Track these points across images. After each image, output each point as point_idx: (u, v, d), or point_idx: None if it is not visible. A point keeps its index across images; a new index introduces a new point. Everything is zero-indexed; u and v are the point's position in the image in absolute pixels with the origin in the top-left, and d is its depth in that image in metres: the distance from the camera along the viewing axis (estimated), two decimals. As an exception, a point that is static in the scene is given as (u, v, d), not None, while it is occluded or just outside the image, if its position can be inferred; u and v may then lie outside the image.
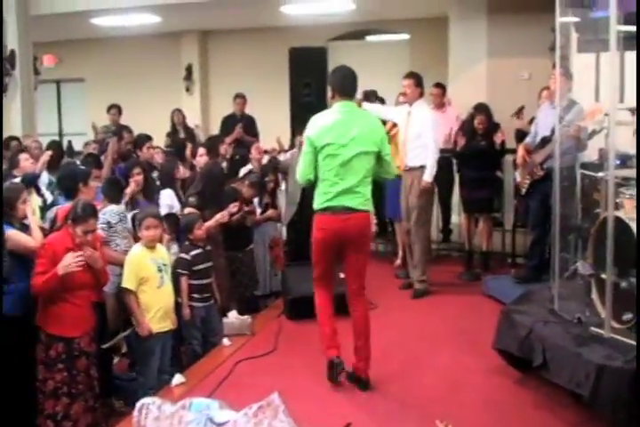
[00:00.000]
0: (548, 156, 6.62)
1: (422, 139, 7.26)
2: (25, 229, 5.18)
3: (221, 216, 6.48)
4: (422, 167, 7.27)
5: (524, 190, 7.04)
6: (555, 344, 4.58)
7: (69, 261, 4.60)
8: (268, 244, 7.70)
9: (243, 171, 8.32)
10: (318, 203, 5.17)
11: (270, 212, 7.74)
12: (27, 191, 5.40)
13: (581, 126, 5.99)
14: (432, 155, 7.25)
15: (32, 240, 4.92)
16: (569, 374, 4.35)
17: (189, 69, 14.20)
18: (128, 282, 5.32)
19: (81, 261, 4.65)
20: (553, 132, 6.63)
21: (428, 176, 7.24)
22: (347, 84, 5.20)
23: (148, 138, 8.23)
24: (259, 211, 7.64)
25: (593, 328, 4.58)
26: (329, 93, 5.32)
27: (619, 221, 4.49)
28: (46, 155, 7.29)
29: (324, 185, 5.13)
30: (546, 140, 6.71)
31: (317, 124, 5.11)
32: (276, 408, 3.88)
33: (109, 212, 5.93)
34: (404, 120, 7.44)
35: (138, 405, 4.13)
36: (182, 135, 10.40)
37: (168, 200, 6.83)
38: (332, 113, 5.15)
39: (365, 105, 7.51)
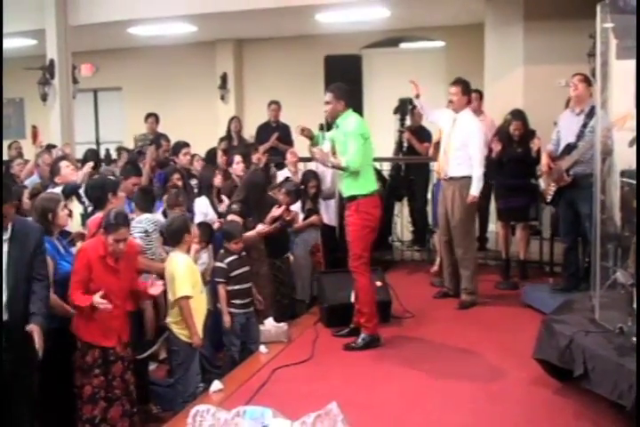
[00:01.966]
0: (574, 162, 6.58)
1: (467, 149, 7.13)
2: (64, 236, 5.26)
3: (262, 228, 6.53)
4: (464, 178, 7.14)
5: (549, 198, 6.99)
6: (596, 354, 4.53)
7: (99, 303, 4.65)
8: (309, 249, 7.69)
9: (279, 175, 8.34)
10: (371, 186, 6.18)
11: (312, 218, 7.72)
12: (65, 201, 5.44)
13: (608, 133, 5.95)
14: (478, 168, 7.11)
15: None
16: (611, 384, 4.30)
17: (224, 78, 14.23)
18: (185, 290, 5.26)
19: (107, 308, 4.68)
20: (578, 138, 6.61)
21: (475, 190, 7.10)
22: (350, 97, 6.32)
23: (186, 144, 8.26)
24: (301, 216, 7.65)
25: (635, 338, 4.52)
26: (338, 105, 6.15)
27: (662, 229, 4.44)
28: (88, 166, 7.32)
29: (369, 169, 6.25)
30: (571, 147, 6.67)
31: (358, 121, 6.16)
32: (335, 418, 3.91)
33: (145, 220, 5.94)
34: (447, 127, 7.34)
35: (192, 412, 4.21)
36: (235, 143, 10.40)
37: (203, 208, 6.86)
38: (357, 115, 6.25)
39: (416, 101, 7.64)
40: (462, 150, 7.15)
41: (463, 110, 7.27)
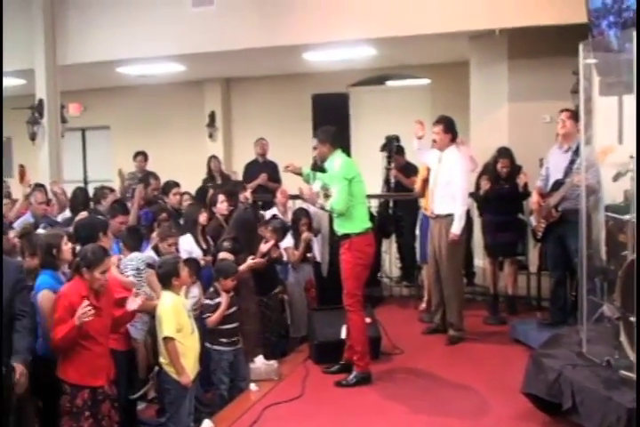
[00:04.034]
0: (562, 198, 6.65)
1: (451, 187, 7.21)
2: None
3: (254, 262, 6.57)
4: (449, 215, 7.20)
5: (540, 234, 7.05)
6: (584, 388, 4.56)
7: (82, 311, 4.54)
8: (303, 286, 7.72)
9: (267, 214, 8.38)
10: (363, 224, 6.26)
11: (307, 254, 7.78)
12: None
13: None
14: (460, 205, 7.18)
15: None
16: (599, 417, 4.32)
17: (212, 116, 14.35)
18: (170, 330, 5.21)
19: (91, 310, 4.57)
20: (566, 174, 6.69)
21: (457, 229, 7.15)
22: (339, 139, 6.50)
23: (176, 184, 8.31)
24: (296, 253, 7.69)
25: (623, 371, 4.55)
26: (323, 148, 6.35)
27: (646, 263, 4.49)
28: (82, 216, 7.17)
29: (361, 208, 6.31)
30: (559, 183, 6.75)
31: (343, 163, 6.26)
32: None
33: (136, 258, 6.00)
34: (434, 165, 7.43)
35: None
36: (219, 181, 10.40)
37: (187, 246, 6.85)
38: (342, 156, 6.37)
39: (417, 143, 7.64)
40: (447, 188, 7.24)
41: (448, 148, 7.33)
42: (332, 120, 8.95)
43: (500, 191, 7.96)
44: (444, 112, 8.01)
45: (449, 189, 7.23)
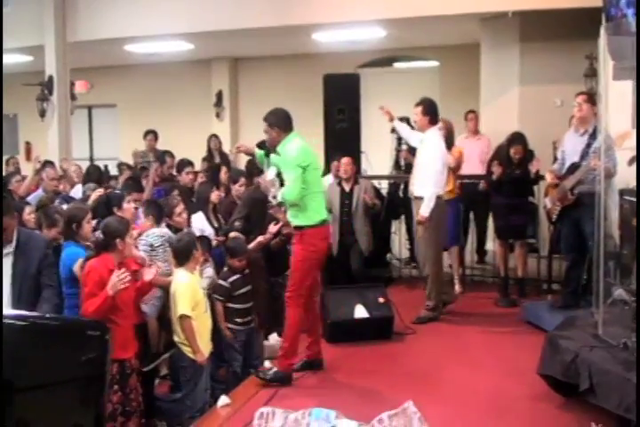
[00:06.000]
0: (577, 181, 6.66)
1: (428, 169, 7.19)
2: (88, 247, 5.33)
3: (264, 238, 6.57)
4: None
5: (554, 217, 7.06)
6: (602, 369, 4.59)
7: (116, 280, 4.65)
8: None
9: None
10: (318, 215, 5.78)
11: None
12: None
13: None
14: (431, 187, 7.09)
15: None
16: (618, 398, 4.35)
17: (219, 96, 14.34)
18: (186, 308, 5.27)
19: (127, 277, 4.69)
20: (582, 158, 6.70)
21: (425, 211, 7.06)
22: (290, 122, 5.81)
23: (190, 163, 8.32)
24: None
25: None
26: (273, 133, 5.75)
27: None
28: (97, 193, 7.18)
29: (317, 198, 5.79)
30: (575, 166, 6.75)
31: (297, 149, 5.66)
32: (411, 415, 3.99)
33: (152, 234, 6.03)
34: (418, 148, 7.46)
35: (257, 414, 4.38)
36: (217, 160, 10.47)
37: (199, 224, 6.88)
38: (297, 140, 5.72)
39: (396, 123, 7.75)
40: (425, 170, 7.22)
41: (428, 130, 7.32)
42: (342, 100, 9.02)
43: (512, 176, 7.96)
44: (452, 94, 8.06)
45: (426, 171, 7.20)
